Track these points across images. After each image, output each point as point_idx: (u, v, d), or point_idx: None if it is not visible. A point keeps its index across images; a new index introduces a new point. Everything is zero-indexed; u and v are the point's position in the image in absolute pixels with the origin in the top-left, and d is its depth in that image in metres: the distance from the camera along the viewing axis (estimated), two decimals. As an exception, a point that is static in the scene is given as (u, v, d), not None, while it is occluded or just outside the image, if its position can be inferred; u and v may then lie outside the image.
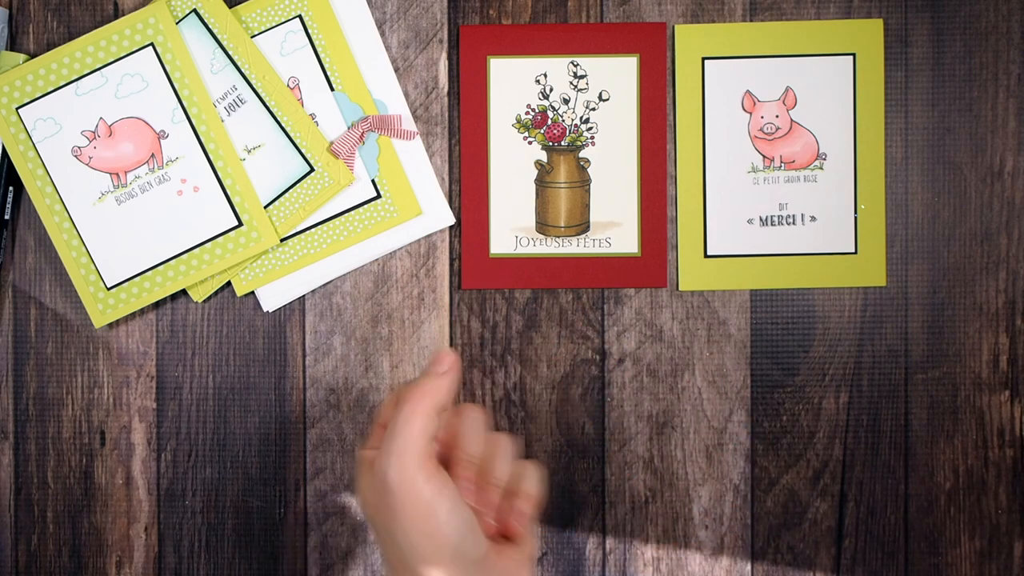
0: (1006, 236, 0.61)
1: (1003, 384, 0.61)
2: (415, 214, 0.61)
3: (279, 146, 0.60)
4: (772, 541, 0.61)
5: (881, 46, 0.60)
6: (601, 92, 0.61)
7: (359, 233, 0.61)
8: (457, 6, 0.61)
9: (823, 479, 0.61)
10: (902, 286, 0.61)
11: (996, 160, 0.61)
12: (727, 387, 0.61)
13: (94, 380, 0.62)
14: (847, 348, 0.61)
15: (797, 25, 0.60)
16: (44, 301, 0.62)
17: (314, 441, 0.62)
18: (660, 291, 0.61)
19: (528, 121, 0.61)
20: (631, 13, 0.61)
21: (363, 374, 0.62)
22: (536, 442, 0.62)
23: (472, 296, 0.62)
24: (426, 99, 0.62)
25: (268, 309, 0.62)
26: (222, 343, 0.62)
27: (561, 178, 0.61)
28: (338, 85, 0.61)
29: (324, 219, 0.61)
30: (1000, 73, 0.61)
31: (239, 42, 0.60)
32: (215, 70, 0.60)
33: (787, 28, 0.60)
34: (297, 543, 0.62)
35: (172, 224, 0.61)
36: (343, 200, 0.61)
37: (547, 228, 0.61)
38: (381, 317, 0.62)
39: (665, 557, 0.61)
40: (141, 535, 0.63)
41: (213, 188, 0.61)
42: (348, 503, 0.62)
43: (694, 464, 0.61)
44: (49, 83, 0.60)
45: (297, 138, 0.60)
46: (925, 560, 0.61)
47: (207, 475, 0.62)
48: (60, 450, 0.63)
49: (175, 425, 0.62)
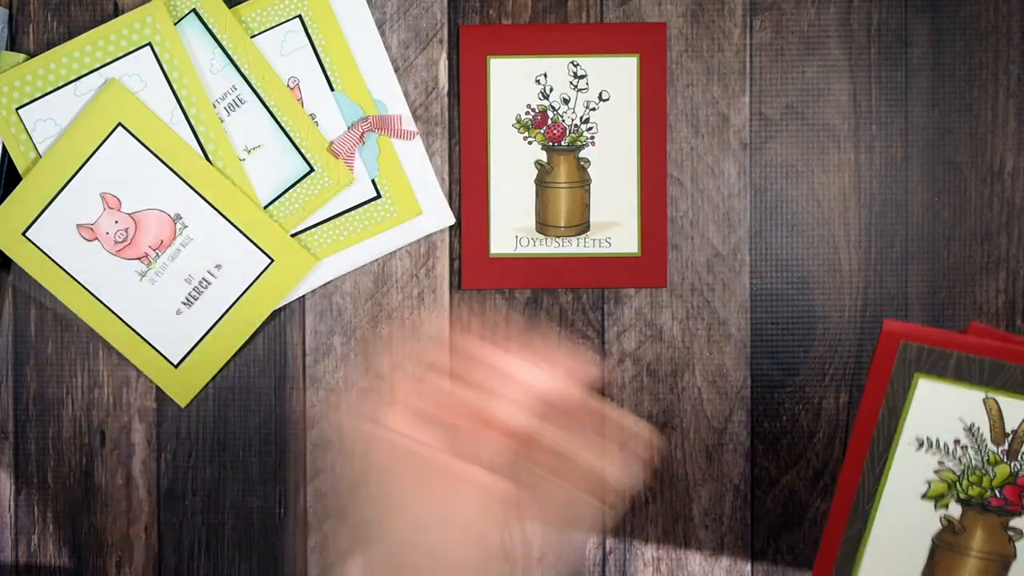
0: (1006, 236, 0.61)
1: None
2: (415, 214, 0.61)
3: (279, 146, 0.60)
4: (772, 541, 0.61)
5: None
6: (601, 92, 0.61)
7: (359, 233, 0.61)
8: (457, 6, 0.61)
9: (823, 479, 0.61)
10: (902, 286, 0.61)
11: (996, 160, 0.61)
12: (727, 387, 0.61)
13: (94, 380, 0.62)
14: (847, 348, 0.61)
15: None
16: (44, 301, 0.62)
17: (314, 441, 0.62)
18: (660, 291, 0.61)
19: (528, 121, 0.61)
20: (631, 13, 0.61)
21: (363, 374, 0.62)
22: (536, 442, 0.62)
23: (472, 296, 0.62)
24: (426, 99, 0.62)
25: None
26: (222, 343, 0.62)
27: (561, 178, 0.61)
28: (338, 85, 0.61)
29: (324, 219, 0.61)
30: (1000, 73, 0.61)
31: (239, 42, 0.60)
32: (215, 70, 0.60)
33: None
34: (297, 543, 0.62)
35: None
36: (343, 200, 0.61)
37: (547, 228, 0.61)
38: (381, 317, 0.62)
39: (665, 557, 0.61)
40: (141, 535, 0.63)
41: (213, 188, 0.61)
42: (348, 503, 0.62)
43: (694, 464, 0.61)
44: (48, 83, 0.60)
45: (297, 138, 0.60)
46: (925, 560, 0.61)
47: (207, 475, 0.62)
48: (60, 450, 0.63)
49: (175, 425, 0.62)
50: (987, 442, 0.41)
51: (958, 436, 0.41)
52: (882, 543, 0.42)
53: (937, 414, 0.41)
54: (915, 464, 0.42)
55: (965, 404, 0.41)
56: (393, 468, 0.43)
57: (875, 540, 0.42)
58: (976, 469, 0.41)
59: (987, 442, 0.41)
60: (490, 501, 0.44)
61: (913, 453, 0.42)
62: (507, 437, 0.45)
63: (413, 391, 0.45)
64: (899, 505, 0.42)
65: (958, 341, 0.40)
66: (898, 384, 0.41)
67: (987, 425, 0.41)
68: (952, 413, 0.41)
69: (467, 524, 0.44)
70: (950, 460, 0.41)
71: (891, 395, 0.41)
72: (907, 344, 0.41)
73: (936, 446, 0.41)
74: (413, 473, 0.42)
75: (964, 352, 0.40)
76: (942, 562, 0.42)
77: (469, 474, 0.44)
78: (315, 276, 0.61)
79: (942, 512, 0.42)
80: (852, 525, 0.42)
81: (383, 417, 0.45)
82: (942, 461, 0.42)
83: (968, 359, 0.40)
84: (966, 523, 0.42)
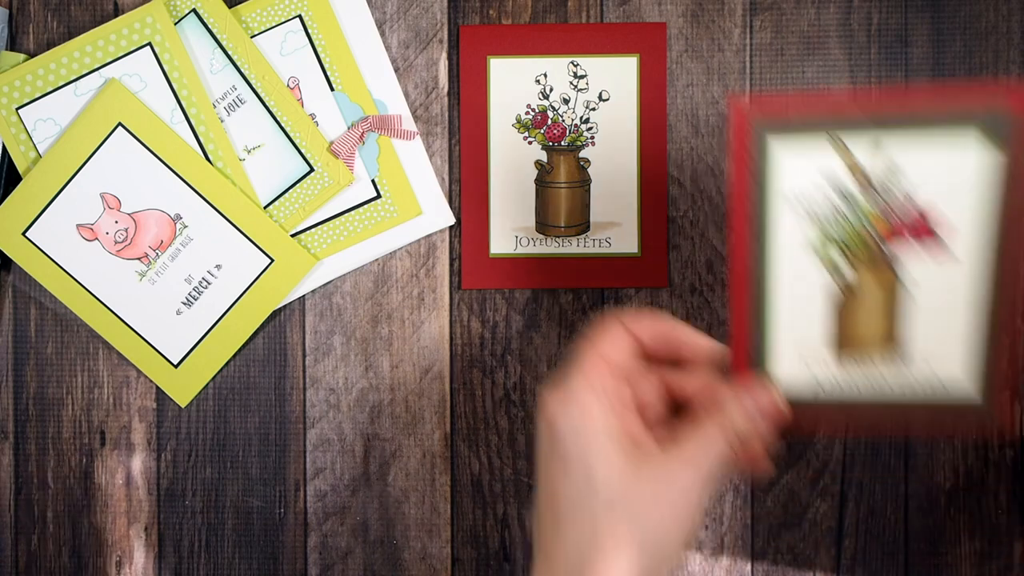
0: (1006, 236, 0.61)
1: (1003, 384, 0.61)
2: (415, 214, 0.61)
3: (279, 146, 0.60)
4: (772, 541, 0.61)
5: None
6: (601, 92, 0.61)
7: (359, 233, 0.61)
8: (457, 6, 0.61)
9: (823, 479, 0.61)
10: (902, 286, 0.61)
11: (996, 160, 0.61)
12: (727, 387, 0.61)
13: (94, 380, 0.62)
14: (847, 348, 0.61)
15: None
16: (44, 301, 0.62)
17: (314, 441, 0.62)
18: (660, 291, 0.61)
19: (528, 121, 0.61)
20: (631, 13, 0.61)
21: (363, 374, 0.62)
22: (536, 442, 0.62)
23: (472, 296, 0.62)
24: (426, 99, 0.62)
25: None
26: (222, 343, 0.62)
27: (561, 178, 0.61)
28: (338, 85, 0.61)
29: (324, 219, 0.61)
30: (1000, 73, 0.61)
31: (239, 42, 0.60)
32: (215, 70, 0.60)
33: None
34: (297, 543, 0.62)
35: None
36: (343, 200, 0.61)
37: (547, 228, 0.61)
38: (381, 317, 0.62)
39: (665, 557, 0.61)
40: (141, 535, 0.63)
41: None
42: (348, 503, 0.62)
43: (694, 464, 0.61)
44: (48, 83, 0.60)
45: (297, 138, 0.60)
46: (925, 560, 0.61)
47: (207, 475, 0.62)
48: (60, 450, 0.63)
49: (175, 425, 0.62)
50: (848, 186, 0.43)
51: (820, 186, 0.43)
52: (784, 302, 0.44)
53: (796, 171, 0.43)
54: (792, 223, 0.43)
55: (819, 156, 0.43)
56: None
57: (777, 303, 0.44)
58: (844, 212, 0.43)
59: (848, 186, 0.43)
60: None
61: (786, 213, 0.43)
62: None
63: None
64: (788, 264, 0.44)
65: (798, 102, 0.42)
66: (757, 153, 0.43)
67: (843, 170, 0.42)
68: (809, 166, 0.43)
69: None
70: (819, 209, 0.43)
71: (754, 164, 0.43)
72: (756, 116, 0.42)
73: (804, 200, 0.43)
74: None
75: (807, 111, 0.42)
76: (843, 308, 0.44)
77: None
78: (315, 276, 0.61)
79: (828, 261, 0.44)
80: (753, 291, 0.44)
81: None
82: (813, 212, 0.43)
83: (812, 117, 0.42)
84: (854, 267, 0.43)
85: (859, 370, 0.43)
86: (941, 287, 0.43)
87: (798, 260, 0.44)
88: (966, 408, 0.44)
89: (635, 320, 0.41)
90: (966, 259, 0.42)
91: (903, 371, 0.43)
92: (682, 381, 0.42)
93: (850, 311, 0.44)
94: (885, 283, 0.44)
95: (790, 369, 0.44)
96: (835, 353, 0.43)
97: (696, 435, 0.39)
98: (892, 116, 0.41)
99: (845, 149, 0.42)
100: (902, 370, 0.43)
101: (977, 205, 0.41)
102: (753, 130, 0.42)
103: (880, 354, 0.43)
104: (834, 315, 0.44)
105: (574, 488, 0.38)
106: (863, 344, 0.43)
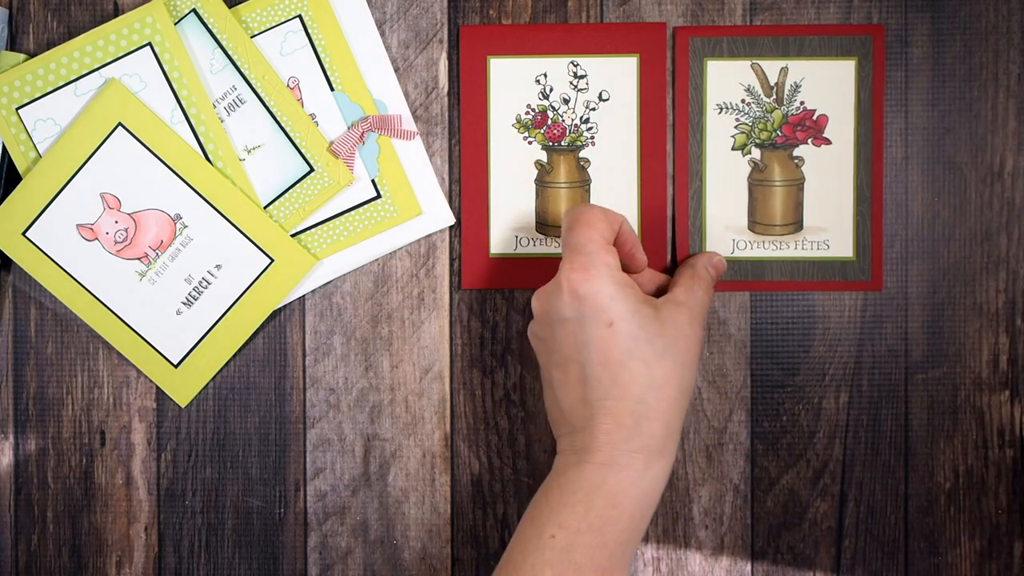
0: (1006, 236, 0.61)
1: (1003, 384, 0.61)
2: (415, 214, 0.61)
3: (279, 146, 0.60)
4: (772, 541, 0.61)
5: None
6: (601, 92, 0.61)
7: (359, 233, 0.61)
8: (457, 6, 0.61)
9: (823, 479, 0.61)
10: (902, 286, 0.61)
11: (996, 160, 0.61)
12: (727, 387, 0.61)
13: (94, 380, 0.62)
14: (847, 348, 0.61)
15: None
16: (44, 301, 0.62)
17: (314, 441, 0.62)
18: (660, 291, 0.61)
19: (528, 121, 0.61)
20: (631, 13, 0.61)
21: (363, 374, 0.62)
22: (536, 442, 0.62)
23: (472, 296, 0.62)
24: (426, 99, 0.62)
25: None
26: (222, 343, 0.62)
27: (561, 178, 0.61)
28: (338, 85, 0.61)
29: (324, 219, 0.61)
30: (1000, 73, 0.61)
31: (239, 42, 0.60)
32: (215, 70, 0.60)
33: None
34: (297, 543, 0.62)
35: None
36: (343, 200, 0.61)
37: (547, 228, 0.61)
38: (381, 317, 0.62)
39: (665, 557, 0.61)
40: (141, 535, 0.63)
41: (213, 188, 0.61)
42: (348, 503, 0.62)
43: (694, 464, 0.61)
44: (48, 83, 0.60)
45: (297, 138, 0.60)
46: (925, 560, 0.61)
47: (207, 475, 0.62)
48: (60, 450, 0.63)
49: (175, 425, 0.62)
50: (761, 96, 0.59)
51: (743, 97, 0.59)
52: (715, 191, 0.59)
53: (725, 84, 0.59)
54: (721, 125, 0.59)
55: (742, 73, 0.59)
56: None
57: (710, 191, 0.59)
58: (760, 118, 0.59)
59: (761, 96, 0.59)
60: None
61: (717, 116, 0.59)
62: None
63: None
64: (719, 159, 0.59)
65: (727, 29, 0.59)
66: (695, 69, 0.59)
67: (758, 84, 0.59)
68: (735, 81, 0.59)
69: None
70: (743, 116, 0.59)
71: (692, 78, 0.59)
72: (694, 38, 0.59)
73: (731, 108, 0.59)
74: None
75: (733, 36, 0.59)
76: (758, 196, 0.59)
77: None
78: (315, 276, 0.61)
79: (748, 157, 0.59)
80: (692, 184, 0.59)
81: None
82: (738, 118, 0.59)
83: (737, 40, 0.59)
84: (766, 161, 0.59)
85: (768, 238, 0.59)
86: (826, 170, 0.59)
87: (724, 155, 0.59)
88: (844, 263, 0.59)
89: (609, 212, 0.52)
90: (843, 147, 0.59)
91: (799, 238, 0.59)
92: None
93: (763, 195, 0.59)
94: (787, 170, 0.59)
95: (719, 240, 0.60)
96: (751, 226, 0.59)
97: (680, 285, 0.53)
98: (793, 45, 0.59)
99: (761, 71, 0.59)
100: (798, 237, 0.59)
101: (850, 107, 0.59)
102: (695, 54, 0.59)
103: (783, 226, 0.59)
104: (750, 197, 0.59)
105: (624, 338, 0.48)
106: (771, 218, 0.59)
